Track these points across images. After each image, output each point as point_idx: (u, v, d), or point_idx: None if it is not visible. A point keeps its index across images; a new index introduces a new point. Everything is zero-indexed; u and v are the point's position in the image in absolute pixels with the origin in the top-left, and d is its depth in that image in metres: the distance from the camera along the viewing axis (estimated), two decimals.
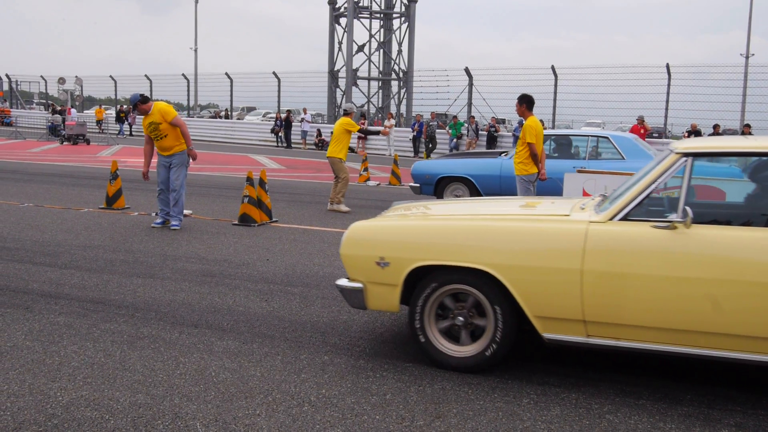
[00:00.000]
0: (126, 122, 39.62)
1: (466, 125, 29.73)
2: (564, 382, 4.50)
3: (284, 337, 5.22)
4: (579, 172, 9.88)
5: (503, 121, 35.38)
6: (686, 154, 4.40)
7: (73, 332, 5.22)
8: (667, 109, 27.22)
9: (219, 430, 3.70)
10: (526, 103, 9.54)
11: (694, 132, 25.14)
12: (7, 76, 50.58)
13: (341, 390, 4.29)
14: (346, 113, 12.81)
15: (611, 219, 4.44)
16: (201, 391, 4.21)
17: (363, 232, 4.95)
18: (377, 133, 16.68)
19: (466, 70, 30.42)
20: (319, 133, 33.91)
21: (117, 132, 38.87)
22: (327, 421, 3.86)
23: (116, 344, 4.99)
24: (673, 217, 4.26)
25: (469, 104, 30.57)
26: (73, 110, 37.60)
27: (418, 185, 13.05)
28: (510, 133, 29.30)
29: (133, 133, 39.00)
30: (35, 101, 58.17)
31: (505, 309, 4.57)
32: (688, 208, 4.22)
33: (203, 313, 5.76)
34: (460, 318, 4.72)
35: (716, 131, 24.57)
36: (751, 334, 4.13)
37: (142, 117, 9.75)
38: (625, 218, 4.42)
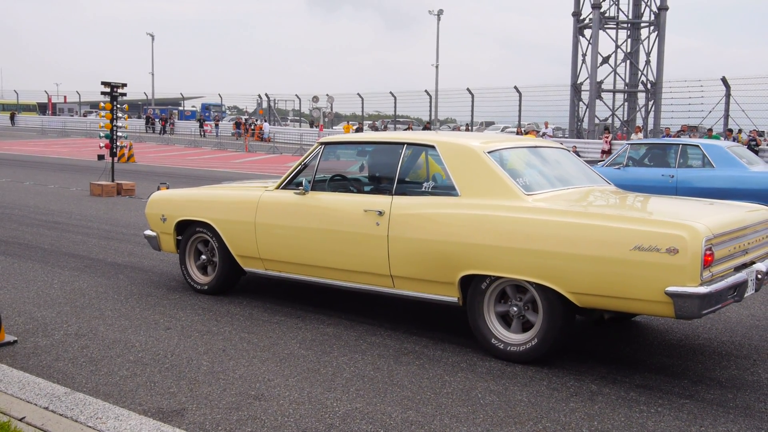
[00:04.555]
0: None
1: (722, 138, 27.73)
2: None
3: (545, 362, 5.08)
4: None
5: (762, 134, 32.56)
6: (321, 143, 6.27)
7: (342, 343, 5.46)
8: None
9: None
10: None
11: None
12: (266, 95, 54.91)
13: (614, 423, 4.08)
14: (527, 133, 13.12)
15: (277, 188, 6.30)
16: (469, 412, 4.19)
17: (155, 198, 7.20)
18: None
19: (723, 80, 28.42)
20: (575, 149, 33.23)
21: None
22: None
23: (383, 358, 5.14)
24: (301, 186, 6.04)
25: (726, 116, 28.50)
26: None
27: None
28: None
29: None
30: (290, 118, 62.63)
31: (223, 251, 6.61)
32: (304, 180, 6.03)
33: (469, 333, 5.77)
34: (203, 257, 6.85)
35: None
36: (345, 268, 5.78)
37: None
38: (284, 187, 6.26)
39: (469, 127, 41.17)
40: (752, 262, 4.99)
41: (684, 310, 4.36)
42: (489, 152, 5.40)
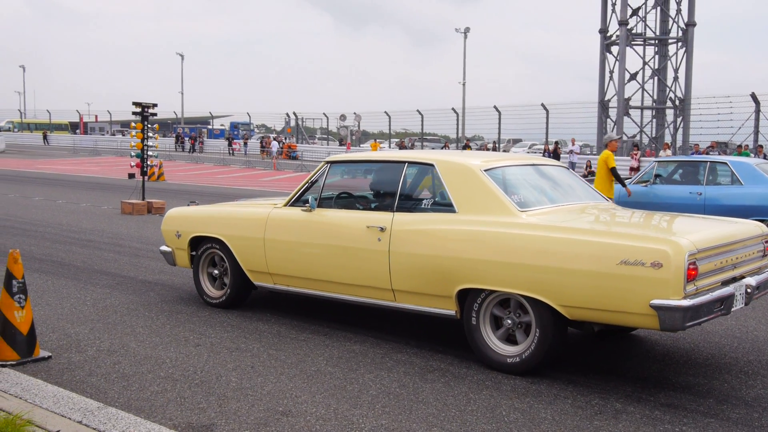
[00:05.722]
0: None
1: (752, 155, 27.48)
2: None
3: (570, 380, 5.11)
4: None
5: None
6: (327, 162, 6.53)
7: (368, 360, 5.52)
8: None
9: None
10: None
11: None
12: (294, 113, 55.34)
13: None
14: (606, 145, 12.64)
15: (285, 205, 6.54)
16: (494, 430, 4.23)
17: (171, 215, 7.49)
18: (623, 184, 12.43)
19: (753, 96, 28.21)
20: (589, 165, 33.14)
21: None
22: None
23: (409, 375, 5.20)
24: (308, 204, 6.26)
25: (756, 132, 28.27)
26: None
27: None
28: None
29: None
30: (317, 136, 63.00)
31: (234, 266, 6.84)
32: (311, 197, 6.27)
33: None
34: (215, 272, 7.11)
35: None
36: (349, 282, 5.99)
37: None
38: (292, 205, 6.49)
39: (497, 145, 41.17)
40: (742, 276, 5.06)
41: (668, 322, 4.50)
42: (486, 170, 5.61)
